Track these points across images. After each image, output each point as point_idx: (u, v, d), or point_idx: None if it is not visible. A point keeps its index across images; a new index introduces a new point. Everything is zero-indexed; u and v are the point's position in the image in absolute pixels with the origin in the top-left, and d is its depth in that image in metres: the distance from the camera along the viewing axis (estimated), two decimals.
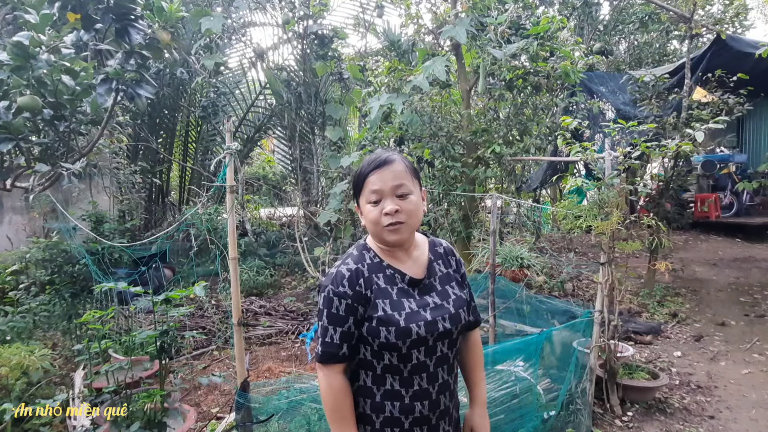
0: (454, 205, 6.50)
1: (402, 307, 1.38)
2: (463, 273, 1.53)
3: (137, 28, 3.09)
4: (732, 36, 7.89)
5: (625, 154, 4.34)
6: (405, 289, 1.41)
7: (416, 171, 1.47)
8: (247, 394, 2.52)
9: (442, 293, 1.45)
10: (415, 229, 1.45)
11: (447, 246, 1.56)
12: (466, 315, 1.46)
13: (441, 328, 1.38)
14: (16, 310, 4.16)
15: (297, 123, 8.63)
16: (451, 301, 1.44)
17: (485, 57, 5.79)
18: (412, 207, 1.39)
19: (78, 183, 3.87)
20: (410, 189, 1.39)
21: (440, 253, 1.53)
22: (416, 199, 1.41)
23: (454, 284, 1.49)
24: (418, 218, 1.43)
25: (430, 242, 1.54)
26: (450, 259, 1.53)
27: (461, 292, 1.48)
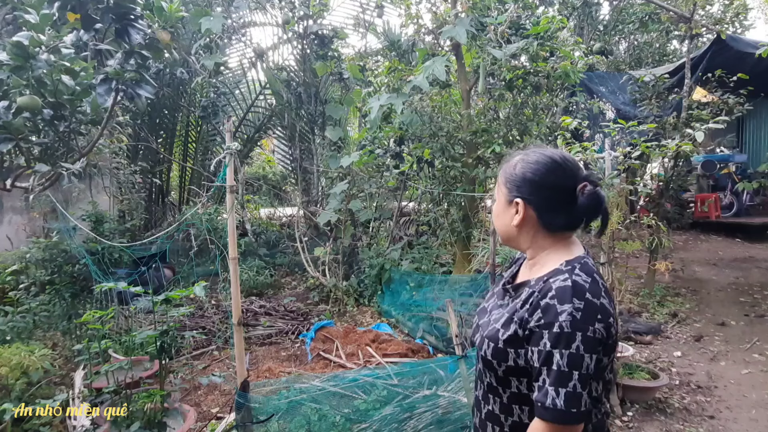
0: (454, 205, 6.50)
1: (489, 299, 1.45)
2: (531, 328, 1.17)
3: (137, 28, 3.09)
4: (732, 36, 7.90)
5: (625, 154, 4.34)
6: (500, 289, 1.42)
7: (510, 178, 1.32)
8: (247, 394, 2.52)
9: (500, 315, 1.29)
10: (507, 238, 1.36)
11: (549, 288, 1.18)
12: (487, 349, 1.25)
13: (476, 338, 1.36)
14: (16, 310, 4.16)
15: (297, 123, 8.63)
16: (492, 326, 1.28)
17: (485, 57, 5.79)
18: (493, 214, 1.41)
19: (78, 183, 3.87)
20: (495, 196, 1.38)
21: (540, 284, 1.22)
22: (496, 207, 1.37)
23: (506, 318, 1.25)
24: (502, 228, 1.35)
25: (554, 270, 1.22)
26: (534, 302, 1.19)
27: (502, 330, 1.23)
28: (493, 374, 1.25)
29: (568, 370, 1.08)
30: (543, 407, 1.11)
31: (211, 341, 4.74)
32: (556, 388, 1.09)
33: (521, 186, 1.27)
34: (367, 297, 6.13)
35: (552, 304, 1.13)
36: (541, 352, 1.12)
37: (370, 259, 6.18)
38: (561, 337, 1.10)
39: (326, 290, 6.20)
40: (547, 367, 1.11)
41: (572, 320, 1.10)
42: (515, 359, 1.19)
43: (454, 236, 6.31)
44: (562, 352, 1.09)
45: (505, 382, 1.23)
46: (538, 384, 1.13)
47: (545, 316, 1.13)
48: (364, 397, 2.84)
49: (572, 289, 1.14)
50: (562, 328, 1.10)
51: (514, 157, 1.35)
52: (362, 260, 6.52)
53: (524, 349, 1.17)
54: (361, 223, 7.18)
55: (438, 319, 4.84)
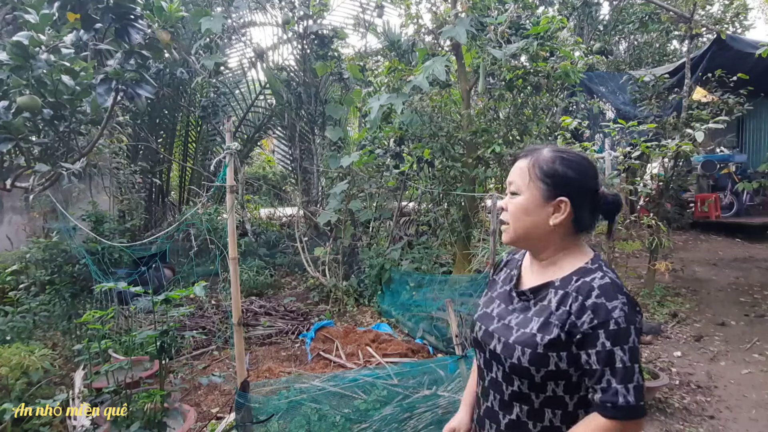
0: (454, 205, 6.51)
1: (489, 304, 1.38)
2: (584, 331, 1.13)
3: (137, 28, 3.09)
4: (732, 36, 7.90)
5: (625, 154, 4.35)
6: (508, 293, 1.35)
7: (550, 175, 1.24)
8: (247, 394, 2.52)
9: (525, 320, 1.25)
10: (525, 237, 1.28)
11: (591, 287, 1.16)
12: (521, 356, 1.19)
13: (492, 346, 1.27)
14: (16, 310, 4.16)
15: (297, 123, 8.63)
16: (520, 332, 1.23)
17: (485, 57, 5.79)
18: (514, 209, 1.27)
19: (78, 183, 3.87)
20: (520, 190, 1.27)
21: (571, 285, 1.20)
22: (525, 203, 1.25)
23: (541, 322, 1.20)
24: (528, 226, 1.26)
25: (579, 269, 1.23)
26: (575, 302, 1.17)
27: (540, 335, 1.18)
28: (527, 381, 1.20)
29: (631, 365, 1.10)
30: (615, 407, 1.10)
31: (211, 341, 4.74)
32: (625, 386, 1.09)
33: (566, 185, 1.23)
34: (367, 297, 6.13)
35: (600, 303, 1.13)
36: (601, 353, 1.11)
37: (370, 259, 6.18)
38: (619, 334, 1.10)
39: (326, 290, 6.20)
40: (611, 366, 1.10)
41: (624, 315, 1.11)
42: (557, 363, 1.16)
43: (454, 236, 6.31)
44: (624, 348, 1.10)
45: (541, 387, 1.20)
46: (600, 386, 1.12)
47: (597, 316, 1.13)
48: (364, 397, 2.84)
49: (613, 286, 1.16)
50: (619, 324, 1.11)
51: (543, 151, 1.28)
52: (362, 260, 6.52)
53: (567, 352, 1.16)
54: (361, 223, 7.18)
55: (438, 319, 4.84)
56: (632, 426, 1.12)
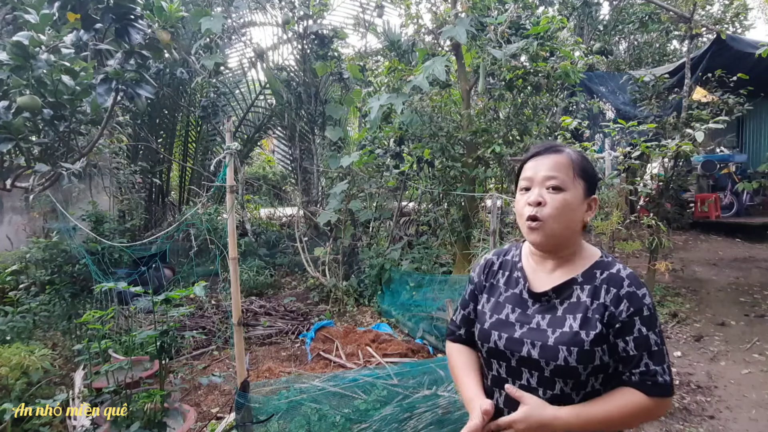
0: (454, 205, 6.51)
1: (499, 310, 1.31)
2: (622, 319, 1.17)
3: (137, 28, 3.09)
4: (732, 36, 7.90)
5: (625, 154, 4.35)
6: (520, 297, 1.30)
7: (588, 173, 1.25)
8: (247, 394, 2.52)
9: (557, 320, 1.22)
10: (562, 236, 1.24)
11: (621, 278, 1.22)
12: (567, 356, 1.16)
13: (524, 353, 1.22)
14: (16, 310, 4.16)
15: (297, 123, 8.63)
16: (558, 332, 1.20)
17: (485, 57, 5.79)
18: (559, 205, 1.21)
19: (78, 183, 3.87)
20: (566, 185, 1.22)
21: (596, 278, 1.23)
22: (571, 199, 1.22)
23: (579, 318, 1.20)
24: (568, 224, 1.23)
25: (596, 263, 1.26)
26: (608, 293, 1.20)
27: (584, 331, 1.18)
28: (572, 380, 1.19)
29: (661, 346, 1.19)
30: (656, 385, 1.16)
31: (211, 341, 4.74)
32: (661, 366, 1.17)
33: (595, 184, 1.30)
34: (367, 297, 6.13)
35: (633, 291, 1.20)
36: (638, 338, 1.17)
37: (370, 259, 6.18)
38: (651, 318, 1.19)
39: (326, 290, 6.20)
40: (648, 350, 1.17)
41: (651, 301, 1.20)
42: (601, 357, 1.18)
43: (454, 236, 6.31)
44: (656, 332, 1.19)
45: (584, 384, 1.20)
46: (639, 370, 1.17)
47: (632, 304, 1.19)
48: (364, 397, 2.84)
49: (635, 275, 1.24)
50: (650, 309, 1.19)
51: (572, 151, 1.28)
52: (362, 260, 6.52)
53: (607, 344, 1.19)
54: (361, 223, 7.18)
55: (438, 319, 4.84)
56: (667, 403, 1.20)
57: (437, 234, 6.79)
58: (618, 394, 1.19)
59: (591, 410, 1.18)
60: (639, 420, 1.21)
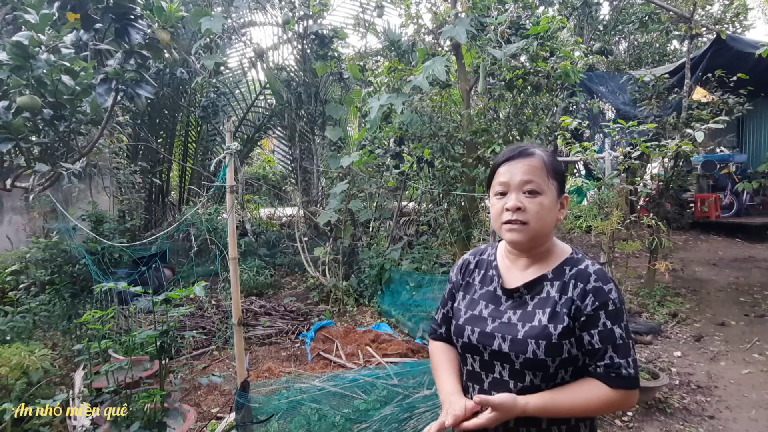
0: (454, 205, 6.50)
1: (474, 307, 1.36)
2: (587, 313, 1.21)
3: (137, 28, 3.09)
4: (732, 36, 7.90)
5: (625, 154, 4.35)
6: (494, 294, 1.34)
7: (559, 173, 1.30)
8: (247, 394, 2.52)
9: (527, 314, 1.26)
10: (541, 236, 1.29)
11: (588, 273, 1.24)
12: (536, 349, 1.21)
13: (495, 346, 1.26)
14: (16, 310, 4.16)
15: (297, 123, 8.63)
16: (527, 326, 1.24)
17: (485, 57, 5.79)
18: (537, 208, 1.25)
19: (78, 183, 3.87)
20: (542, 188, 1.26)
21: (566, 274, 1.27)
22: (547, 202, 1.27)
23: (548, 312, 1.24)
24: (545, 224, 1.28)
25: (566, 260, 1.30)
26: (575, 288, 1.23)
27: (552, 325, 1.22)
28: (541, 373, 1.23)
29: (627, 341, 1.21)
30: (620, 377, 1.19)
31: (211, 341, 4.74)
32: (626, 359, 1.20)
33: (563, 182, 1.33)
34: (367, 297, 6.13)
35: (599, 286, 1.23)
36: (603, 332, 1.21)
37: (370, 259, 6.18)
38: (617, 313, 1.21)
39: (326, 290, 6.20)
40: (612, 343, 1.20)
41: (618, 296, 1.23)
42: (569, 350, 1.22)
43: (454, 236, 6.31)
44: (621, 326, 1.21)
45: (553, 376, 1.24)
46: (604, 362, 1.20)
47: (597, 298, 1.22)
48: (364, 397, 2.84)
49: (602, 271, 1.26)
50: (616, 304, 1.22)
51: (540, 151, 1.31)
52: (362, 260, 6.52)
53: (574, 337, 1.23)
54: (361, 223, 7.18)
55: None
56: (632, 396, 1.22)
57: (437, 234, 6.78)
58: (584, 385, 1.23)
59: (557, 399, 1.22)
60: (604, 410, 1.24)
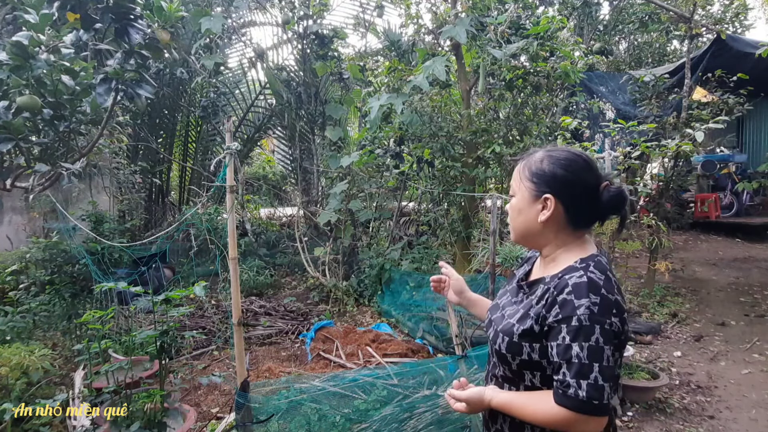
0: (454, 205, 6.51)
1: (500, 296, 1.48)
2: (550, 323, 1.19)
3: (137, 28, 3.09)
4: (732, 36, 7.90)
5: (625, 154, 4.35)
6: (517, 287, 1.42)
7: (536, 173, 1.30)
8: (247, 394, 2.52)
9: (514, 311, 1.33)
10: (524, 236, 1.36)
11: (565, 284, 1.20)
12: (501, 342, 1.29)
13: (490, 333, 1.39)
14: (16, 310, 4.16)
15: (297, 123, 8.62)
16: (506, 320, 1.32)
17: (485, 57, 5.79)
18: (510, 211, 1.38)
19: (78, 183, 3.87)
20: (515, 191, 1.36)
21: (553, 284, 1.24)
22: (515, 203, 1.35)
23: (522, 313, 1.28)
24: (522, 225, 1.34)
25: (567, 268, 1.25)
26: (550, 298, 1.22)
27: (517, 325, 1.26)
28: (507, 367, 1.30)
29: (588, 363, 1.11)
30: (564, 395, 1.13)
31: (211, 341, 4.74)
32: (578, 380, 1.11)
33: (551, 182, 1.28)
34: (367, 297, 6.13)
35: (569, 300, 1.16)
36: (560, 346, 1.15)
37: (370, 259, 6.18)
38: (580, 330, 1.12)
39: (326, 290, 6.20)
40: (567, 360, 1.13)
41: (590, 314, 1.12)
42: (529, 353, 1.23)
43: (454, 236, 6.31)
44: (582, 345, 1.12)
45: (519, 375, 1.28)
46: (558, 378, 1.15)
47: (563, 311, 1.16)
48: (364, 397, 2.84)
49: (587, 285, 1.16)
50: (581, 321, 1.12)
51: (535, 154, 1.34)
52: (362, 260, 6.52)
53: (539, 343, 1.22)
54: (361, 223, 7.17)
55: (438, 319, 4.84)
56: (582, 420, 1.12)
57: (437, 234, 6.79)
58: (542, 394, 1.22)
59: (515, 400, 1.25)
60: (551, 425, 1.18)
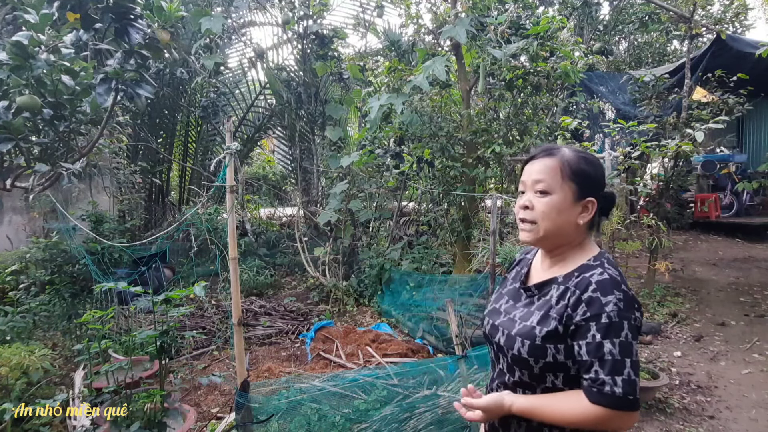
0: (454, 205, 6.51)
1: (498, 300, 1.44)
2: (577, 322, 1.17)
3: (137, 28, 3.09)
4: (732, 36, 7.90)
5: (625, 154, 4.35)
6: (517, 290, 1.39)
7: (582, 175, 1.26)
8: (247, 394, 2.52)
9: (527, 313, 1.30)
10: (554, 236, 1.28)
11: (588, 282, 1.20)
12: (520, 347, 1.24)
13: (497, 339, 1.33)
14: (16, 310, 4.16)
15: (297, 123, 8.62)
16: (521, 324, 1.28)
17: (485, 57, 5.79)
18: (544, 209, 1.26)
19: (78, 183, 3.87)
20: (551, 188, 1.26)
21: (572, 280, 1.24)
22: (556, 202, 1.26)
23: (541, 315, 1.25)
24: (555, 225, 1.26)
25: (581, 266, 1.26)
26: (573, 296, 1.21)
27: (539, 327, 1.23)
28: (527, 371, 1.26)
29: (621, 359, 1.12)
30: (600, 393, 1.13)
31: (211, 341, 4.74)
32: (612, 377, 1.12)
33: (593, 185, 1.29)
34: (367, 297, 6.13)
35: (596, 297, 1.17)
36: (591, 344, 1.15)
37: (370, 259, 6.18)
38: (610, 327, 1.13)
39: (326, 290, 6.20)
40: (600, 358, 1.13)
41: (618, 310, 1.14)
42: (554, 355, 1.21)
43: (454, 236, 6.31)
44: (613, 342, 1.13)
45: (540, 378, 1.25)
46: (590, 376, 1.15)
47: (590, 309, 1.16)
48: (364, 397, 2.84)
49: (611, 282, 1.18)
50: (611, 318, 1.14)
51: (566, 151, 1.30)
52: (362, 260, 6.52)
53: (563, 344, 1.20)
54: (361, 223, 7.18)
55: (438, 319, 4.84)
56: (620, 416, 1.13)
57: (437, 234, 6.79)
58: (570, 395, 1.21)
59: (540, 404, 1.23)
60: (585, 425, 1.17)
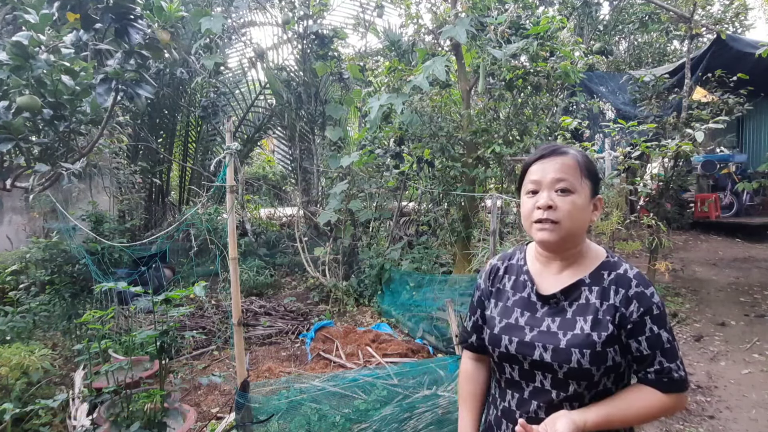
0: (454, 205, 6.51)
1: (508, 315, 1.31)
2: (634, 320, 1.18)
3: (137, 28, 3.09)
4: (732, 36, 7.90)
5: (625, 154, 4.36)
6: (529, 301, 1.30)
7: (593, 173, 1.27)
8: (247, 394, 2.52)
9: (567, 322, 1.22)
10: (573, 236, 1.24)
11: (628, 278, 1.22)
12: (581, 359, 1.17)
13: (537, 356, 1.22)
14: (16, 310, 4.16)
15: (297, 123, 8.62)
16: (569, 335, 1.20)
17: (485, 57, 5.79)
18: (570, 207, 1.21)
19: (78, 183, 3.87)
20: (575, 187, 1.22)
21: (604, 279, 1.23)
22: (581, 201, 1.23)
23: (590, 320, 1.20)
24: (578, 225, 1.23)
25: (603, 264, 1.26)
26: (617, 294, 1.21)
27: (595, 333, 1.18)
28: (586, 381, 1.19)
29: (673, 344, 1.21)
30: (672, 381, 1.19)
31: (211, 341, 4.74)
32: (675, 363, 1.19)
33: (598, 184, 1.31)
34: (367, 297, 6.13)
35: (641, 291, 1.21)
36: (650, 338, 1.19)
37: (370, 259, 6.18)
38: (661, 316, 1.20)
39: (326, 290, 6.20)
40: (660, 348, 1.19)
41: (659, 300, 1.22)
42: (613, 357, 1.20)
43: (454, 236, 6.31)
44: (666, 329, 1.20)
45: (596, 384, 1.21)
46: (654, 368, 1.19)
47: (642, 304, 1.20)
48: (364, 397, 2.84)
49: (641, 275, 1.24)
50: (660, 308, 1.21)
51: (575, 150, 1.28)
52: (362, 260, 6.52)
53: (619, 345, 1.20)
54: (361, 223, 7.18)
55: (438, 319, 4.84)
56: (683, 398, 1.22)
57: (437, 234, 6.79)
58: (637, 393, 1.22)
59: (614, 411, 1.20)
60: (658, 416, 1.23)
